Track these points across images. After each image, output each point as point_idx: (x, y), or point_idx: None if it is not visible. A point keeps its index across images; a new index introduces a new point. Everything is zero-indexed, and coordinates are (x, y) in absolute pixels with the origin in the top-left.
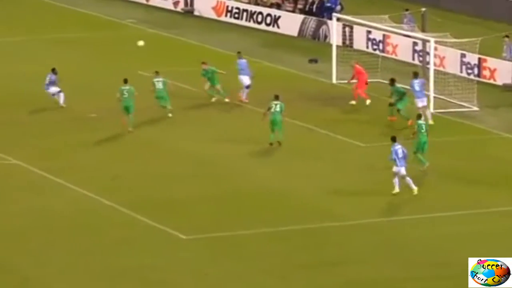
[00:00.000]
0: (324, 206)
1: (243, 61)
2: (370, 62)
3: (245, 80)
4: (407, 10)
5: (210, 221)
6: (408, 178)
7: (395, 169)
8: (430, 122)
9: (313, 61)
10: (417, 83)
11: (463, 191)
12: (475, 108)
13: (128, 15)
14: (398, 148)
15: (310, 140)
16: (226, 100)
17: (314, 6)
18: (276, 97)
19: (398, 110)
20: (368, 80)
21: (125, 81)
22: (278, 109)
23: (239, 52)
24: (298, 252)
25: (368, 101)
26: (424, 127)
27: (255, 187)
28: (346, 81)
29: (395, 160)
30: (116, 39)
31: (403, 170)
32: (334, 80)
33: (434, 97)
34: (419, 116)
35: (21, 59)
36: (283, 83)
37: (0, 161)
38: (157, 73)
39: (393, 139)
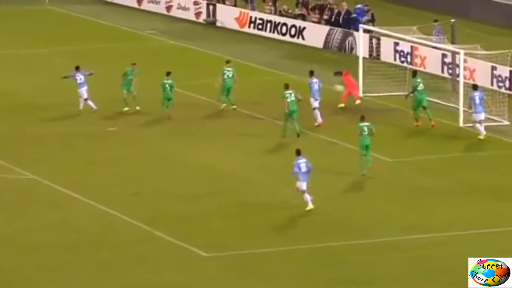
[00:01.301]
0: (346, 224)
1: (311, 81)
2: (398, 75)
3: (312, 101)
4: (436, 21)
5: (231, 238)
6: (307, 195)
7: (297, 184)
8: (481, 136)
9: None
10: (477, 96)
11: (492, 207)
12: (506, 122)
13: (149, 25)
14: (302, 162)
15: (333, 155)
16: (222, 106)
17: (341, 17)
18: (287, 87)
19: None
20: (392, 94)
21: (168, 74)
22: (293, 98)
23: (311, 72)
24: (319, 271)
25: (358, 101)
26: (365, 129)
27: (276, 203)
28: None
29: (297, 174)
30: (136, 50)
31: (304, 186)
32: (360, 93)
33: (464, 110)
34: (362, 118)
35: (38, 71)
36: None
37: (17, 176)
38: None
39: (298, 153)
